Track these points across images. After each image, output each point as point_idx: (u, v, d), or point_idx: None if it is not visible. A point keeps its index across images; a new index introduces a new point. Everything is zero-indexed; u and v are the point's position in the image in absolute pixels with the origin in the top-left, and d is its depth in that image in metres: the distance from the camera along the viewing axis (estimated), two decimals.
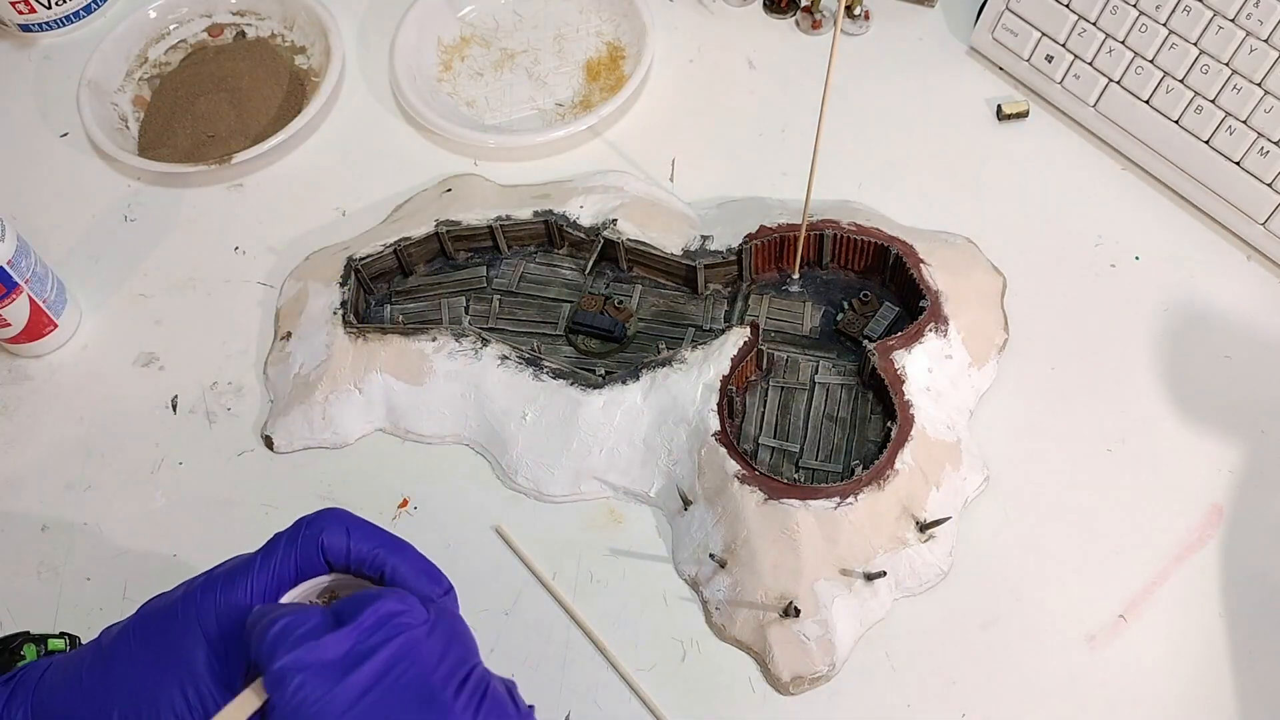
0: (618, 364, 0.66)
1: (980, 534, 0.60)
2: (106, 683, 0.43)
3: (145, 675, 0.43)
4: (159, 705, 0.42)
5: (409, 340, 0.65)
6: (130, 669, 0.43)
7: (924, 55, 0.80)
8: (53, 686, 0.44)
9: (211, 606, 0.43)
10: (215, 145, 0.77)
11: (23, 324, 0.67)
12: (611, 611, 0.59)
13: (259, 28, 0.86)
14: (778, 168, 0.75)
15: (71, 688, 0.44)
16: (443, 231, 0.69)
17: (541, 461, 0.63)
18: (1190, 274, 0.69)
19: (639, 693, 0.57)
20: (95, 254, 0.75)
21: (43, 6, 0.84)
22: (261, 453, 0.66)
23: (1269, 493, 0.61)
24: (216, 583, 0.44)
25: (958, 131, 0.76)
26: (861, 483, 0.58)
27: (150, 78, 0.84)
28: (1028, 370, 0.66)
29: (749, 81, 0.80)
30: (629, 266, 0.70)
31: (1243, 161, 0.67)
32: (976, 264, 0.68)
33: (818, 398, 0.64)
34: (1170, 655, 0.57)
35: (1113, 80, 0.72)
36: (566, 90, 0.81)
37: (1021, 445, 0.63)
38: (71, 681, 0.44)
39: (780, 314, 0.68)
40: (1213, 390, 0.64)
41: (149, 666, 0.43)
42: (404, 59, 0.80)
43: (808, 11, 0.82)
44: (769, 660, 0.57)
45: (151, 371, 0.70)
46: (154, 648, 0.43)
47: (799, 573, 0.56)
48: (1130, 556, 0.59)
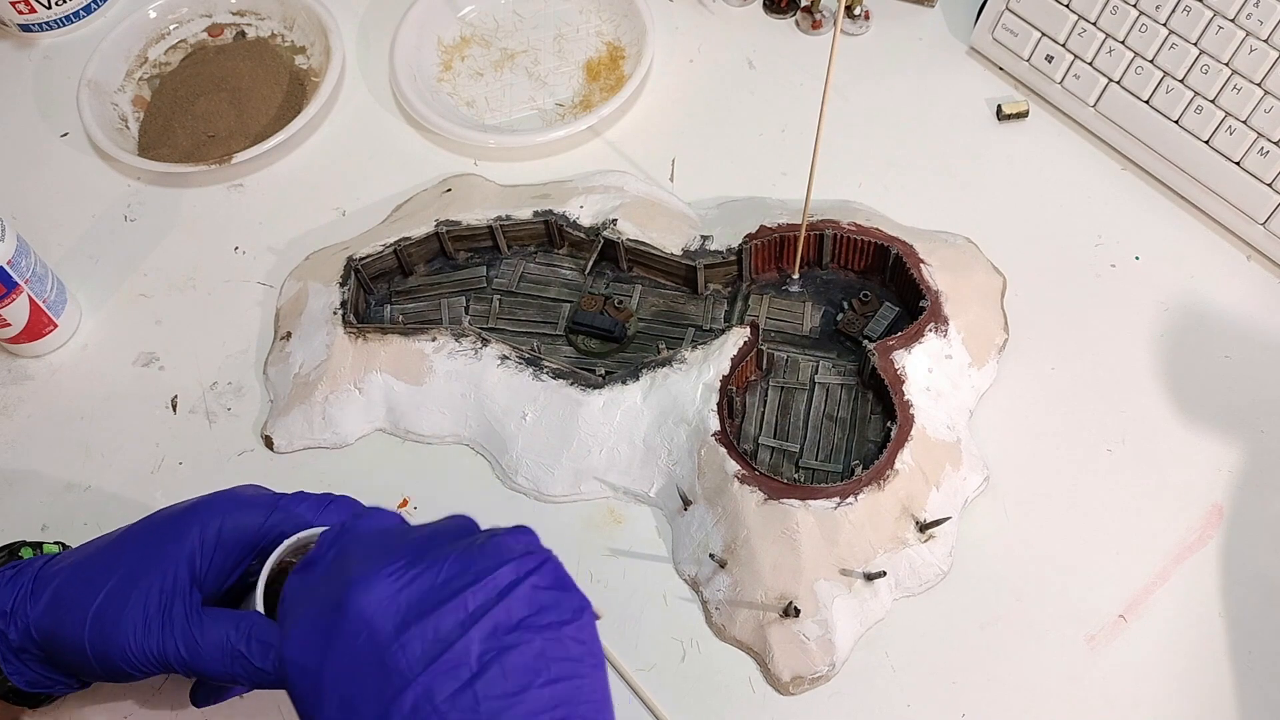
0: (618, 364, 0.66)
1: (980, 534, 0.60)
2: (102, 565, 0.48)
3: (135, 560, 0.47)
4: (138, 583, 0.47)
5: (409, 340, 0.65)
6: (124, 554, 0.48)
7: (924, 55, 0.80)
8: (59, 565, 0.49)
9: (216, 525, 0.48)
10: (215, 145, 0.77)
11: (23, 324, 0.67)
12: (612, 611, 0.59)
13: (259, 28, 0.86)
14: (778, 168, 0.75)
15: (74, 566, 0.49)
16: (443, 231, 0.69)
17: (541, 461, 0.63)
18: (1190, 274, 0.69)
19: (639, 693, 0.57)
20: (95, 254, 0.75)
21: (43, 6, 0.84)
22: (261, 453, 0.66)
23: (1269, 493, 0.61)
24: (228, 506, 0.49)
25: (958, 131, 0.76)
26: (861, 483, 0.58)
27: (150, 78, 0.84)
28: (1028, 370, 0.66)
29: (749, 81, 0.80)
30: (629, 266, 0.70)
31: (1243, 161, 0.67)
32: (976, 264, 0.68)
33: (818, 398, 0.64)
34: (1170, 655, 0.57)
35: (1113, 80, 0.72)
36: (566, 90, 0.81)
37: (1021, 445, 0.63)
38: (77, 561, 0.49)
39: (780, 314, 0.68)
40: (1213, 390, 0.64)
41: (141, 554, 0.47)
42: (404, 59, 0.80)
43: (808, 11, 0.82)
44: (769, 660, 0.57)
45: (151, 371, 0.70)
46: (152, 541, 0.48)
47: (799, 573, 0.57)
48: (1130, 556, 0.59)
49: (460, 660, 0.40)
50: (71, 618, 0.46)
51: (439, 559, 0.42)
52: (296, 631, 0.42)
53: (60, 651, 0.47)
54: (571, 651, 0.41)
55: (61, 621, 0.47)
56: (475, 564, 0.42)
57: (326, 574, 0.43)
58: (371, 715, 0.39)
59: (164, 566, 0.46)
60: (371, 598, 0.41)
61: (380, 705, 0.39)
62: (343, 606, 0.41)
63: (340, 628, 0.41)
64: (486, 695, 0.39)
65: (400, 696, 0.39)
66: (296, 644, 0.42)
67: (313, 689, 0.41)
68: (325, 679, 0.40)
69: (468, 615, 0.40)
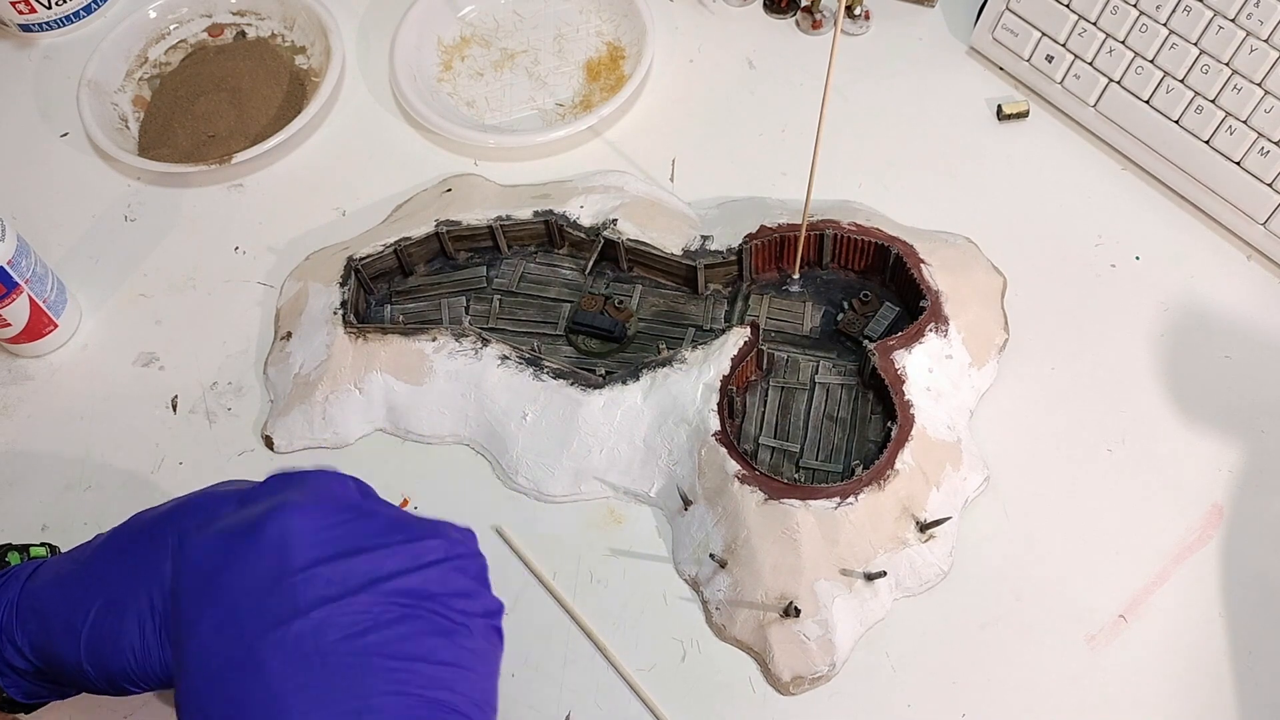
0: (618, 364, 0.66)
1: (980, 534, 0.60)
2: (85, 579, 0.46)
3: (120, 575, 0.45)
4: (126, 603, 0.44)
5: (409, 340, 0.65)
6: (108, 569, 0.45)
7: (924, 55, 0.80)
8: (41, 582, 0.47)
9: (193, 523, 0.45)
10: (215, 145, 0.77)
11: (23, 324, 0.67)
12: (611, 611, 0.59)
13: (259, 28, 0.86)
14: (778, 168, 0.75)
15: (55, 582, 0.46)
16: (443, 231, 0.69)
17: (541, 461, 0.63)
18: (1190, 274, 0.69)
19: (639, 693, 0.57)
20: (95, 254, 0.75)
21: (43, 6, 0.84)
22: (262, 453, 0.66)
23: (1269, 493, 0.61)
24: (204, 504, 0.45)
25: (958, 131, 0.76)
26: (861, 483, 0.58)
27: (150, 78, 0.84)
28: (1028, 370, 0.66)
29: (749, 81, 0.80)
30: (629, 266, 0.70)
31: (1243, 161, 0.67)
32: (976, 264, 0.68)
33: (818, 398, 0.64)
34: (1170, 655, 0.57)
35: (1113, 80, 0.72)
36: (566, 90, 0.81)
37: (1021, 445, 0.63)
38: (56, 577, 0.47)
39: (780, 314, 0.68)
40: (1213, 390, 0.64)
41: (124, 568, 0.45)
42: (404, 59, 0.80)
43: (808, 11, 0.82)
44: (769, 660, 0.57)
45: (151, 371, 0.70)
46: (133, 552, 0.45)
47: (799, 573, 0.57)
48: (1130, 556, 0.59)
49: (361, 610, 0.39)
50: (64, 642, 0.45)
51: (372, 515, 0.41)
52: (203, 538, 0.41)
53: (60, 672, 0.46)
54: (473, 644, 0.41)
55: (55, 644, 0.45)
56: (407, 530, 0.41)
57: (257, 502, 0.42)
58: (253, 632, 0.39)
59: (149, 581, 0.45)
60: (292, 525, 0.40)
61: (264, 625, 0.38)
62: (261, 526, 0.40)
63: (251, 544, 0.40)
64: (373, 652, 0.38)
65: (288, 623, 0.38)
66: (200, 548, 0.41)
67: (201, 590, 0.40)
68: (218, 584, 0.39)
69: (383, 572, 0.40)
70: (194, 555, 0.41)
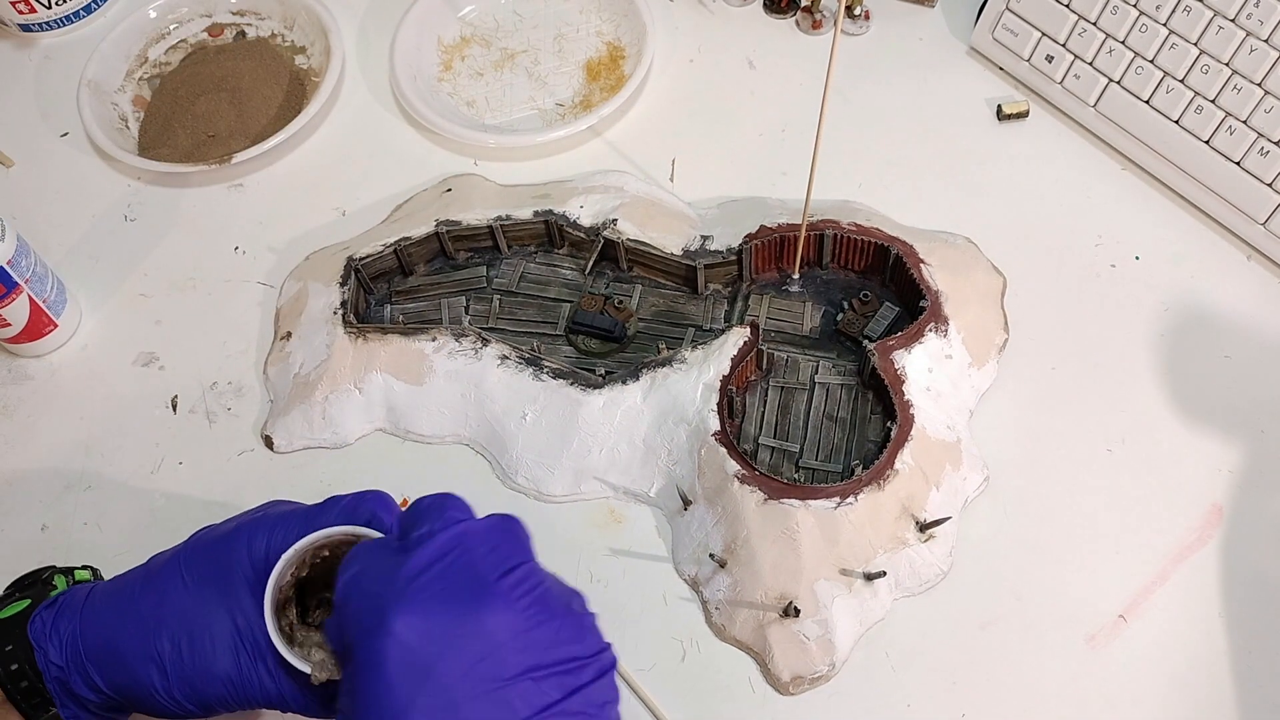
0: (618, 364, 0.66)
1: (980, 534, 0.60)
2: (157, 606, 0.45)
3: (196, 601, 0.45)
4: (212, 630, 0.44)
5: (409, 340, 0.65)
6: (182, 594, 0.45)
7: (924, 55, 0.80)
8: (100, 609, 0.47)
9: (262, 544, 0.45)
10: (215, 145, 0.77)
11: (23, 324, 0.67)
12: (611, 611, 0.59)
13: (259, 28, 0.86)
14: (778, 168, 0.75)
15: (120, 611, 0.46)
16: (443, 231, 0.69)
17: (541, 461, 0.63)
18: (1190, 274, 0.69)
19: (639, 693, 0.57)
20: (95, 254, 0.75)
21: (43, 6, 0.84)
22: (261, 453, 0.66)
23: (1269, 493, 0.61)
24: (268, 523, 0.46)
25: (958, 131, 0.76)
26: (861, 483, 0.58)
27: (150, 78, 0.84)
28: (1028, 370, 0.66)
29: (749, 81, 0.80)
30: (629, 266, 0.70)
31: (1243, 161, 0.67)
32: (976, 264, 0.68)
33: (818, 398, 0.64)
34: (1170, 655, 0.57)
35: (1113, 80, 0.72)
36: (566, 90, 0.81)
37: (1021, 445, 0.63)
38: (121, 605, 0.46)
39: (780, 314, 0.68)
40: (1213, 390, 0.64)
41: (200, 593, 0.45)
42: (404, 59, 0.80)
43: (808, 11, 0.82)
44: (769, 660, 0.57)
45: (151, 371, 0.70)
46: (205, 575, 0.46)
47: (799, 573, 0.57)
48: (1130, 556, 0.59)
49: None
50: (147, 675, 0.45)
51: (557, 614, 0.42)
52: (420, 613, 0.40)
53: (140, 703, 0.46)
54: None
55: (137, 679, 0.45)
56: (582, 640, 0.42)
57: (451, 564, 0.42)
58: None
59: (229, 608, 0.45)
60: (502, 621, 0.40)
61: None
62: (476, 614, 0.40)
63: (469, 634, 0.40)
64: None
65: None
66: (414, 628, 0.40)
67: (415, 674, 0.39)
68: (438, 672, 0.39)
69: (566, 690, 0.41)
70: (404, 634, 0.40)
